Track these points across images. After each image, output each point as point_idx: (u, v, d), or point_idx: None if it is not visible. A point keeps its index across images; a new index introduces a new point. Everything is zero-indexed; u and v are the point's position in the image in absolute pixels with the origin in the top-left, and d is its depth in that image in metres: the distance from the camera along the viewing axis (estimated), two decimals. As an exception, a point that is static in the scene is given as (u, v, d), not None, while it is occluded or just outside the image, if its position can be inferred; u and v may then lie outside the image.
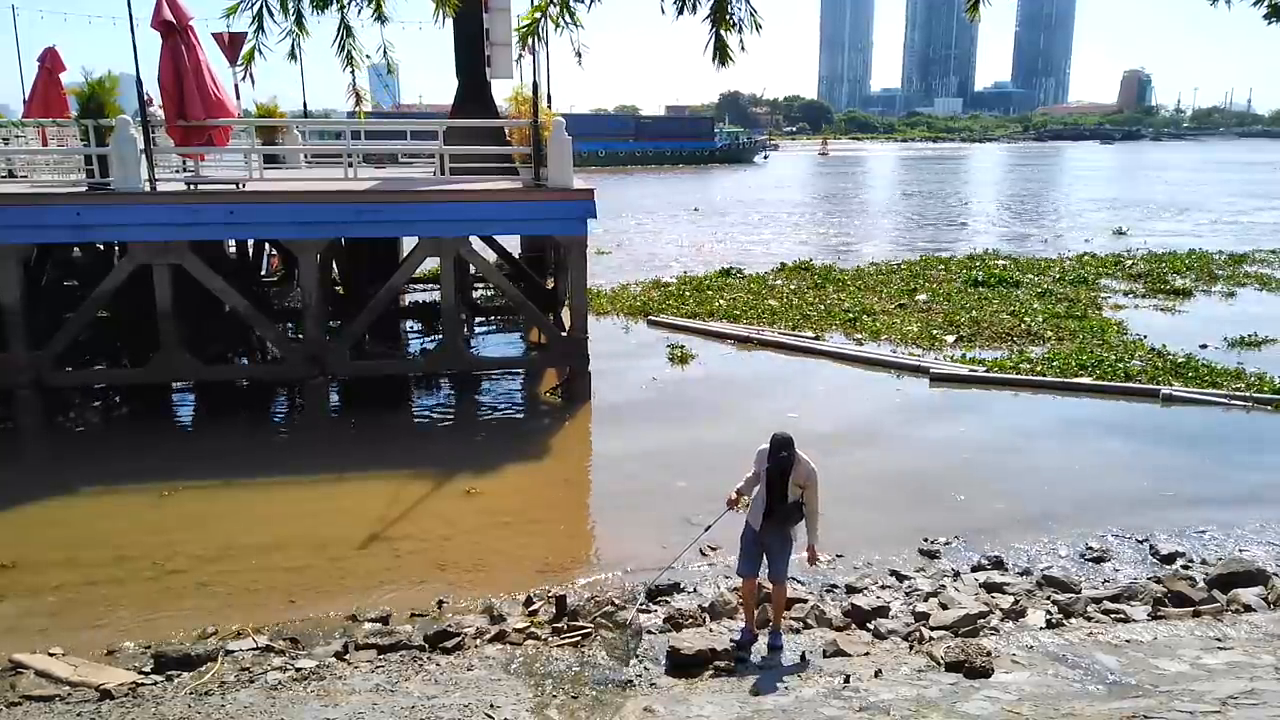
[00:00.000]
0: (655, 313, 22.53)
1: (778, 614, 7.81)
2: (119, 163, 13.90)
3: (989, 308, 22.19)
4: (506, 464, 13.04)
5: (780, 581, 7.64)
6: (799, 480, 7.28)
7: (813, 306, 22.77)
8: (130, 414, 15.55)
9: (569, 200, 15.29)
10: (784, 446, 7.20)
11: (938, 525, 10.71)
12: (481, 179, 16.99)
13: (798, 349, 18.94)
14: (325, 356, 14.83)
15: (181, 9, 13.97)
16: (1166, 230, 40.89)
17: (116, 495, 12.02)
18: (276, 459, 13.40)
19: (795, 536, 7.63)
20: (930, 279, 26.40)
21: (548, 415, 15.94)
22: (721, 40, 4.73)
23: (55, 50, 18.75)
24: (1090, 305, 22.49)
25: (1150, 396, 15.45)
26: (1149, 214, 49.33)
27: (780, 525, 7.46)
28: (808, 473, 7.30)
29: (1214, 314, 22.13)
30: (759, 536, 7.53)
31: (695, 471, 12.24)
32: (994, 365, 17.05)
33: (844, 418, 14.84)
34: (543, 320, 16.96)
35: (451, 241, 15.03)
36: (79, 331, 14.69)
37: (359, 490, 12.11)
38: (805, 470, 7.29)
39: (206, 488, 12.02)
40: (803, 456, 7.28)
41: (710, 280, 26.65)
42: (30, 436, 14.05)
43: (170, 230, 14.03)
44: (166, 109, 14.34)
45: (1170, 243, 35.13)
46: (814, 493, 7.39)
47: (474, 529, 10.79)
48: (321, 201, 14.68)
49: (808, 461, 7.31)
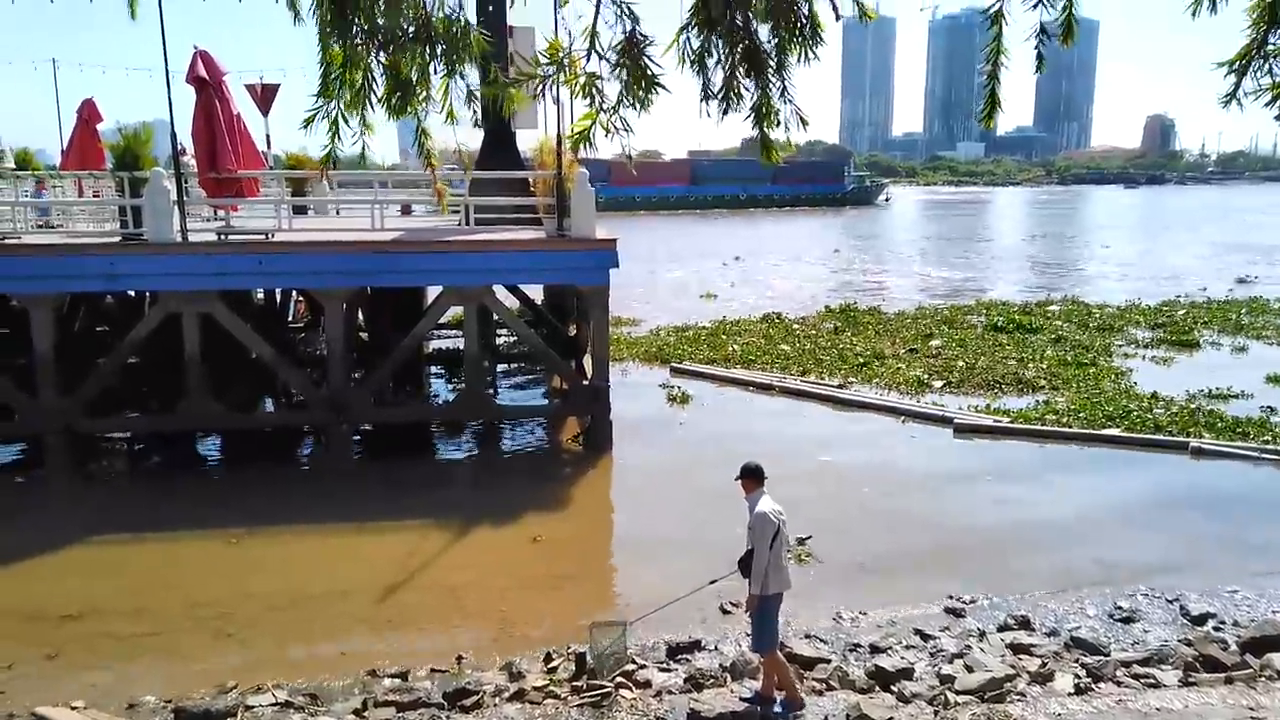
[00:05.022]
0: (674, 358, 22.59)
1: (769, 680, 7.70)
2: (152, 214, 14.19)
3: (999, 354, 22.15)
4: (527, 514, 13.01)
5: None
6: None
7: (826, 352, 22.78)
8: (156, 460, 15.69)
9: (591, 250, 15.42)
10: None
11: (963, 580, 10.58)
12: (506, 228, 17.18)
13: (820, 397, 18.88)
14: (348, 403, 14.94)
15: (215, 65, 14.34)
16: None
17: (134, 544, 12.11)
18: (298, 507, 13.46)
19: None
20: (957, 324, 26.36)
21: (569, 463, 15.93)
22: (766, 138, 4.79)
23: (93, 102, 19.27)
24: (1101, 353, 22.31)
25: (1179, 449, 15.23)
26: (1261, 257, 47.58)
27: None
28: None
29: (1219, 363, 21.77)
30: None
31: (718, 522, 12.09)
32: (1019, 416, 16.92)
33: (869, 468, 14.74)
34: (564, 368, 17.03)
35: (475, 290, 15.18)
36: (108, 378, 14.90)
37: (380, 539, 12.13)
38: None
39: (229, 536, 12.07)
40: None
41: (726, 326, 26.70)
42: (57, 482, 14.21)
43: (200, 280, 14.26)
44: (199, 161, 14.68)
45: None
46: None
47: (495, 580, 10.76)
48: (348, 251, 14.89)
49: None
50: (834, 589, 10.41)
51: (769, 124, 4.74)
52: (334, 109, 4.66)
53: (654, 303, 32.67)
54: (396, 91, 4.67)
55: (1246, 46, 4.28)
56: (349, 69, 4.57)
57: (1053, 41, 4.33)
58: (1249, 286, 35.54)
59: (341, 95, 4.65)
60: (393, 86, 4.67)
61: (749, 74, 4.60)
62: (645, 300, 33.14)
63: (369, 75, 4.60)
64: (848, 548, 11.52)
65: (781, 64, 4.59)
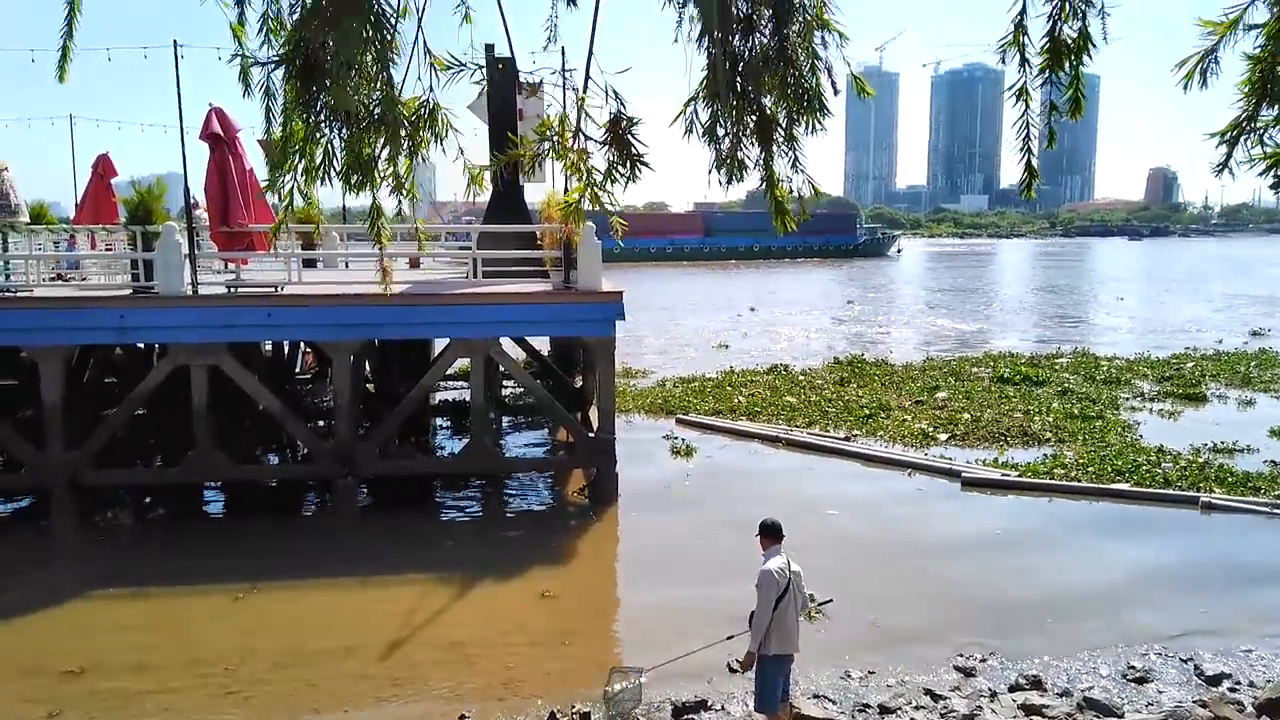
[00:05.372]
0: (680, 410, 22.58)
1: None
2: (163, 267, 14.34)
3: (1005, 406, 22.11)
4: (533, 568, 12.91)
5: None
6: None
7: (831, 403, 22.76)
8: (161, 512, 15.65)
9: (598, 303, 15.52)
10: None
11: (973, 638, 10.44)
12: (513, 281, 17.31)
13: (827, 449, 18.82)
14: (355, 456, 14.93)
15: (230, 121, 14.59)
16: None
17: (138, 598, 12.03)
18: (303, 560, 13.37)
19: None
20: (963, 376, 26.37)
21: (574, 516, 15.85)
22: (781, 206, 4.89)
23: (108, 157, 19.57)
24: (1108, 406, 22.24)
25: (1189, 504, 15.11)
26: (1277, 309, 47.50)
27: None
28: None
29: (1226, 417, 21.66)
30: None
31: (727, 577, 11.96)
32: (1027, 470, 16.82)
33: (876, 522, 14.64)
34: (570, 421, 17.03)
35: (482, 342, 15.25)
36: (115, 430, 14.93)
37: (384, 593, 12.03)
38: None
39: (233, 590, 11.97)
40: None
41: (732, 377, 26.74)
42: (61, 534, 14.18)
43: (210, 332, 14.36)
44: (211, 215, 14.87)
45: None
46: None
47: (501, 636, 10.65)
48: (356, 304, 15.00)
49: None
50: (843, 646, 10.28)
51: (779, 193, 4.83)
52: (289, 182, 4.76)
53: (668, 353, 32.81)
54: (355, 171, 4.77)
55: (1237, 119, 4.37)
56: (309, 144, 4.67)
57: (1080, 78, 4.43)
58: (1263, 339, 35.56)
59: (297, 168, 4.75)
60: (352, 165, 4.76)
61: (758, 144, 4.72)
62: (660, 350, 33.30)
63: (329, 152, 4.70)
64: (857, 604, 11.39)
65: (791, 135, 4.70)
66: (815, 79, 4.55)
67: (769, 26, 4.48)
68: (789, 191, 4.86)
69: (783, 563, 7.34)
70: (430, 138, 4.84)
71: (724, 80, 4.47)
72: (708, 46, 4.52)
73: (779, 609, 7.20)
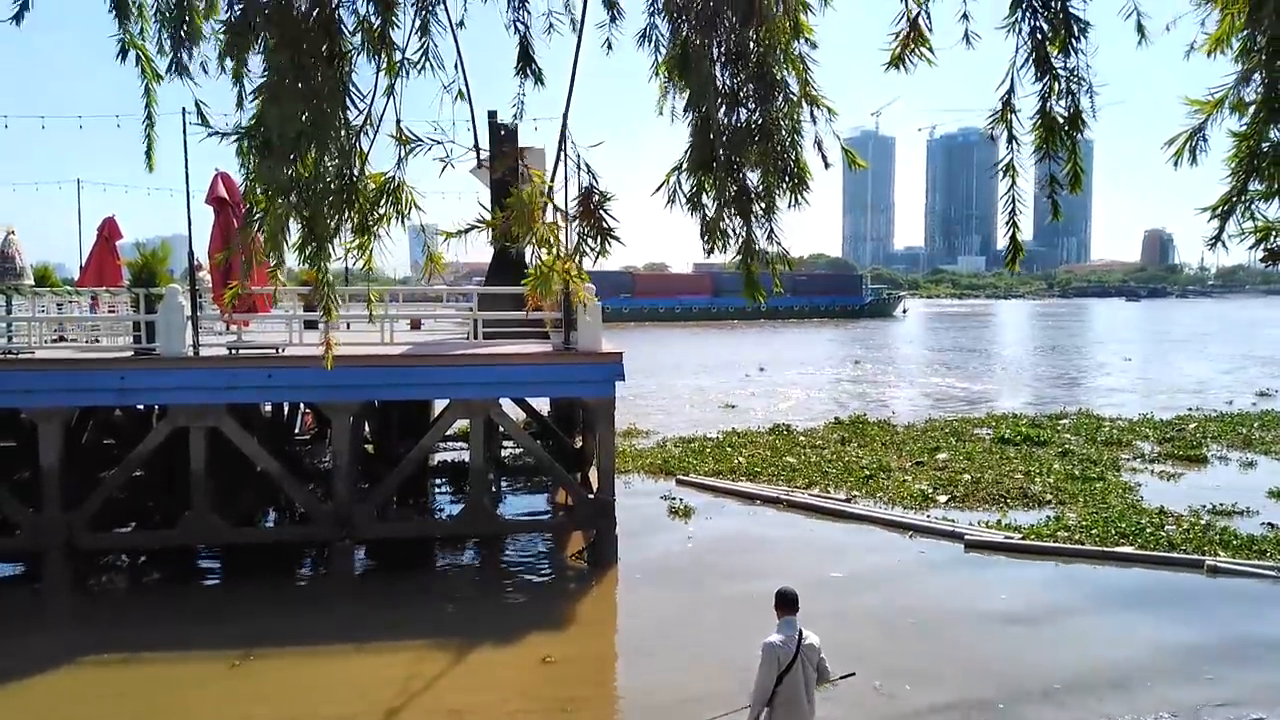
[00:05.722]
0: (679, 470, 22.47)
1: None
2: (165, 329, 14.40)
3: (1005, 467, 22.01)
4: (531, 633, 12.73)
5: None
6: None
7: (831, 464, 22.66)
8: (156, 576, 15.48)
9: (597, 363, 15.55)
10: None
11: (981, 706, 10.26)
12: (513, 341, 17.37)
13: (828, 511, 18.69)
14: (353, 518, 14.82)
15: (235, 186, 14.77)
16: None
17: (133, 665, 11.83)
18: (299, 625, 13.17)
19: None
20: (965, 436, 26.30)
21: (574, 579, 15.68)
22: (751, 277, 4.94)
23: (114, 220, 19.75)
24: (1109, 467, 22.13)
25: (1194, 567, 14.96)
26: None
27: None
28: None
29: (1226, 479, 21.55)
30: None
31: (729, 643, 11.85)
32: (1030, 532, 16.68)
33: (880, 586, 14.47)
34: (570, 482, 16.94)
35: (482, 403, 15.24)
36: (112, 493, 14.84)
37: (382, 660, 11.84)
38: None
39: (229, 658, 11.75)
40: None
41: (732, 438, 26.66)
42: (55, 599, 14.00)
43: (210, 394, 14.36)
44: (214, 279, 14.96)
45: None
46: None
47: (498, 704, 10.46)
48: (357, 365, 15.03)
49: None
50: (849, 714, 10.08)
51: (754, 266, 4.89)
52: (251, 243, 4.82)
53: (674, 413, 32.79)
54: (310, 243, 4.82)
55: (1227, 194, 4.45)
56: (268, 215, 4.73)
57: (1077, 153, 4.51)
58: (1270, 399, 35.60)
59: (257, 236, 4.80)
60: (306, 237, 4.81)
61: (737, 215, 4.79)
62: (666, 411, 33.28)
63: (284, 225, 4.75)
64: (861, 670, 11.16)
65: (770, 207, 4.77)
66: (797, 153, 4.63)
67: (753, 101, 4.58)
68: (763, 267, 4.91)
69: (790, 634, 7.18)
70: (392, 213, 4.88)
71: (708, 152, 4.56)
72: (693, 119, 4.61)
73: (784, 683, 7.05)
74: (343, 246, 4.94)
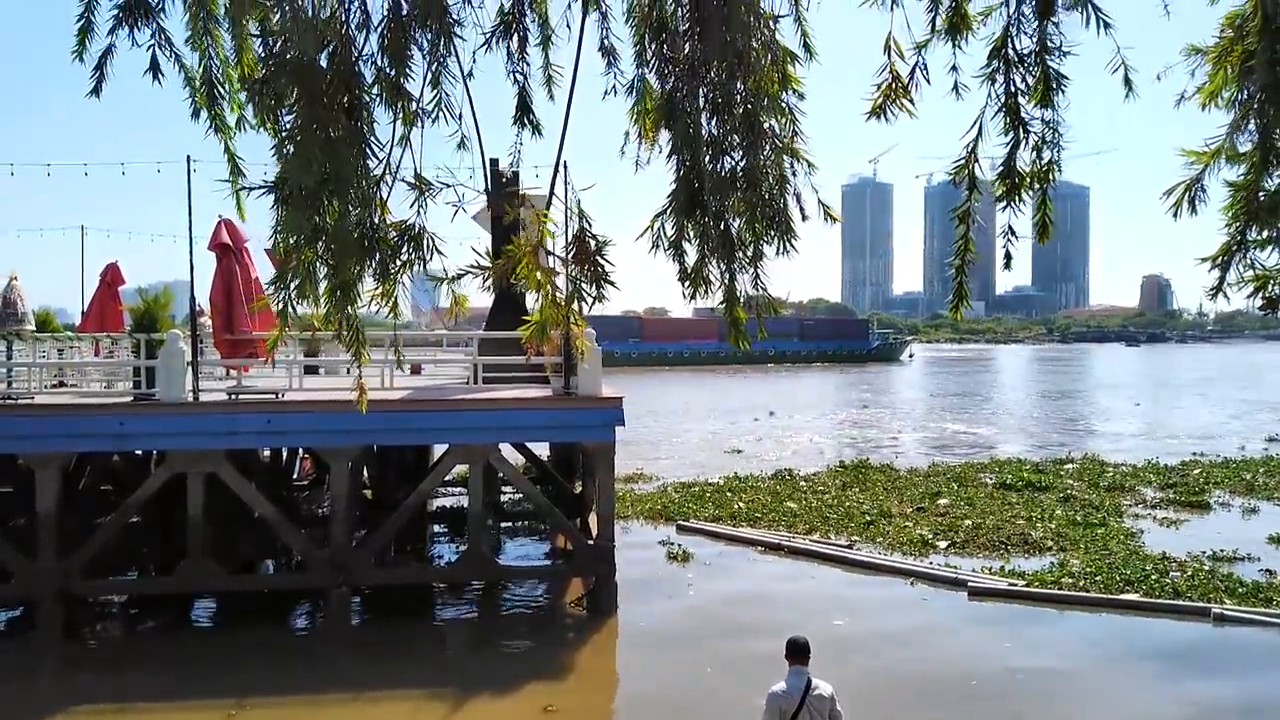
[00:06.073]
0: (680, 515, 22.33)
1: None
2: (165, 374, 14.39)
3: (1007, 513, 21.87)
4: (531, 682, 12.55)
5: None
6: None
7: (832, 509, 22.52)
8: (152, 624, 15.31)
9: (597, 408, 15.52)
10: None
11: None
12: (513, 386, 17.36)
13: (829, 558, 18.53)
14: (350, 564, 14.69)
15: (238, 233, 14.90)
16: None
17: (127, 717, 11.66)
18: (295, 674, 12.97)
19: None
20: (967, 481, 26.18)
21: (573, 627, 15.49)
22: (737, 324, 4.94)
23: (116, 266, 19.89)
24: (1111, 513, 21.99)
25: (1200, 615, 14.78)
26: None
27: None
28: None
29: (1228, 525, 21.36)
30: None
31: (731, 690, 11.69)
32: (1034, 580, 16.51)
33: (884, 634, 14.29)
34: (569, 527, 16.82)
35: (481, 448, 15.19)
36: (108, 539, 14.72)
37: (379, 710, 11.69)
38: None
39: (225, 709, 11.53)
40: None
41: (732, 483, 26.53)
42: (48, 647, 13.81)
43: (209, 439, 14.31)
44: (215, 324, 15.00)
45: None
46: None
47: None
48: (356, 410, 14.96)
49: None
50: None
51: (738, 312, 4.89)
52: (282, 297, 4.85)
53: (677, 457, 32.70)
54: (336, 290, 4.86)
55: (1226, 244, 4.48)
56: (298, 263, 4.77)
57: (1047, 205, 4.55)
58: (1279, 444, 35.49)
59: (290, 285, 4.84)
60: (332, 286, 4.85)
61: (721, 261, 4.81)
62: (670, 455, 33.19)
63: (311, 272, 4.79)
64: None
65: (757, 254, 4.79)
66: (783, 200, 4.67)
67: (739, 150, 4.62)
68: (750, 313, 4.91)
69: (796, 684, 7.08)
70: (415, 259, 4.93)
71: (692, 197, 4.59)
72: (677, 163, 4.65)
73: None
74: (367, 294, 4.97)
